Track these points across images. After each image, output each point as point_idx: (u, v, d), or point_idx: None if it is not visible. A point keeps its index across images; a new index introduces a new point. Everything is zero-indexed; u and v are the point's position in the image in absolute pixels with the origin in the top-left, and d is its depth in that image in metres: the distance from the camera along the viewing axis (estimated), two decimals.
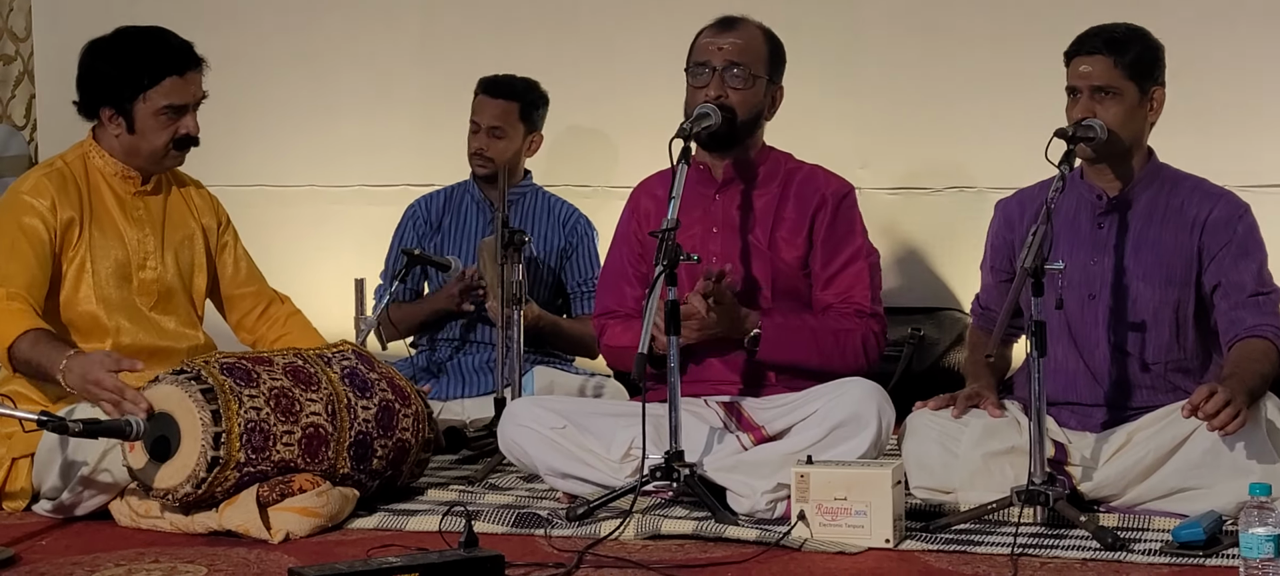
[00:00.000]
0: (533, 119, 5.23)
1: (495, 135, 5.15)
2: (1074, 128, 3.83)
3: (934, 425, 3.93)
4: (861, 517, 3.55)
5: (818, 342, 4.03)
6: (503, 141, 5.14)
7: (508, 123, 5.16)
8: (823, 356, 4.03)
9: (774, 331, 4.00)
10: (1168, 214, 3.95)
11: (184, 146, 4.17)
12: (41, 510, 3.97)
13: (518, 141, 5.18)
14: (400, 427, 4.04)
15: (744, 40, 4.06)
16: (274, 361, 3.91)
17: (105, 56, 4.13)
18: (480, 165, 5.16)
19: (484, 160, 5.14)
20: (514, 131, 5.17)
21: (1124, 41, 3.89)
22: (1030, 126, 4.08)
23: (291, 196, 6.45)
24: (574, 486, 4.00)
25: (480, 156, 5.16)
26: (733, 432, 3.98)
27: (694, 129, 3.93)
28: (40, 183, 4.11)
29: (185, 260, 4.28)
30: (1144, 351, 3.95)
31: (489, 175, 5.10)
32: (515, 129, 5.17)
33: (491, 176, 5.01)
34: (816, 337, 4.04)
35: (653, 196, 4.22)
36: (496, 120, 5.15)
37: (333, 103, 6.41)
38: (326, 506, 3.77)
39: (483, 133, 5.16)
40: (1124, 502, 3.82)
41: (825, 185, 4.14)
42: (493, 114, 5.16)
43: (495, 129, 5.15)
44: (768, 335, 3.99)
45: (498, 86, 5.21)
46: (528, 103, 5.21)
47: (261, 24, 6.51)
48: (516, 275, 4.46)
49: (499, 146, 5.13)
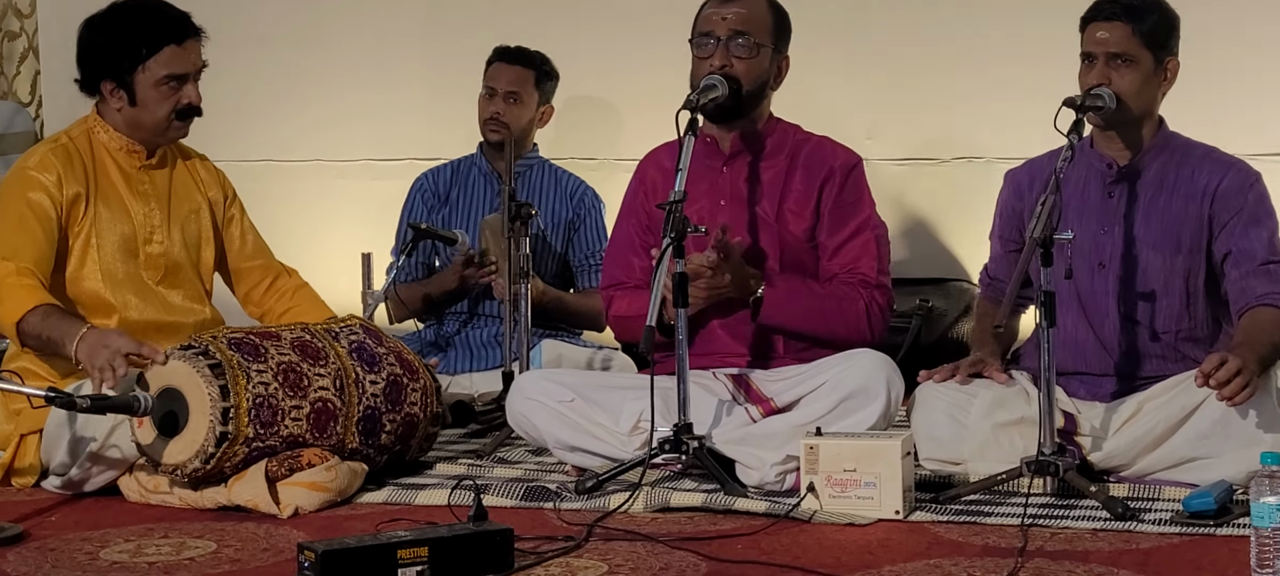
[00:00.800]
0: (546, 89, 5.26)
1: (512, 100, 5.16)
2: (1082, 97, 3.82)
3: (943, 396, 3.92)
4: (871, 489, 3.55)
5: (820, 307, 4.02)
6: (518, 107, 5.15)
7: (524, 89, 5.18)
8: (825, 322, 4.02)
9: (776, 293, 3.99)
10: (1178, 183, 3.93)
11: (186, 116, 4.16)
12: (50, 486, 3.98)
13: (532, 109, 5.20)
14: (408, 402, 4.03)
15: (748, 9, 4.04)
16: (282, 336, 3.90)
17: (103, 30, 4.13)
18: (494, 130, 5.15)
19: (499, 125, 5.13)
20: (529, 98, 5.19)
21: (1142, 9, 3.86)
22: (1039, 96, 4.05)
23: (297, 171, 6.45)
24: (582, 459, 4.00)
25: (496, 121, 5.15)
26: (741, 405, 3.98)
27: (701, 101, 3.91)
28: (46, 158, 4.10)
29: (191, 234, 4.28)
30: (1154, 320, 3.93)
31: (502, 142, 5.08)
32: (531, 95, 5.19)
33: (502, 144, 4.99)
34: (819, 302, 4.03)
35: (660, 167, 4.21)
36: (514, 85, 5.17)
37: (338, 77, 6.40)
38: (335, 481, 3.77)
39: (499, 97, 5.17)
40: (1134, 472, 3.81)
41: (833, 157, 4.12)
42: (510, 79, 5.17)
43: (512, 94, 5.16)
44: (770, 297, 3.98)
45: (514, 54, 5.24)
46: (543, 72, 5.24)
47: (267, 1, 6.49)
48: (523, 248, 4.45)
49: (515, 112, 5.14)
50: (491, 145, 5.18)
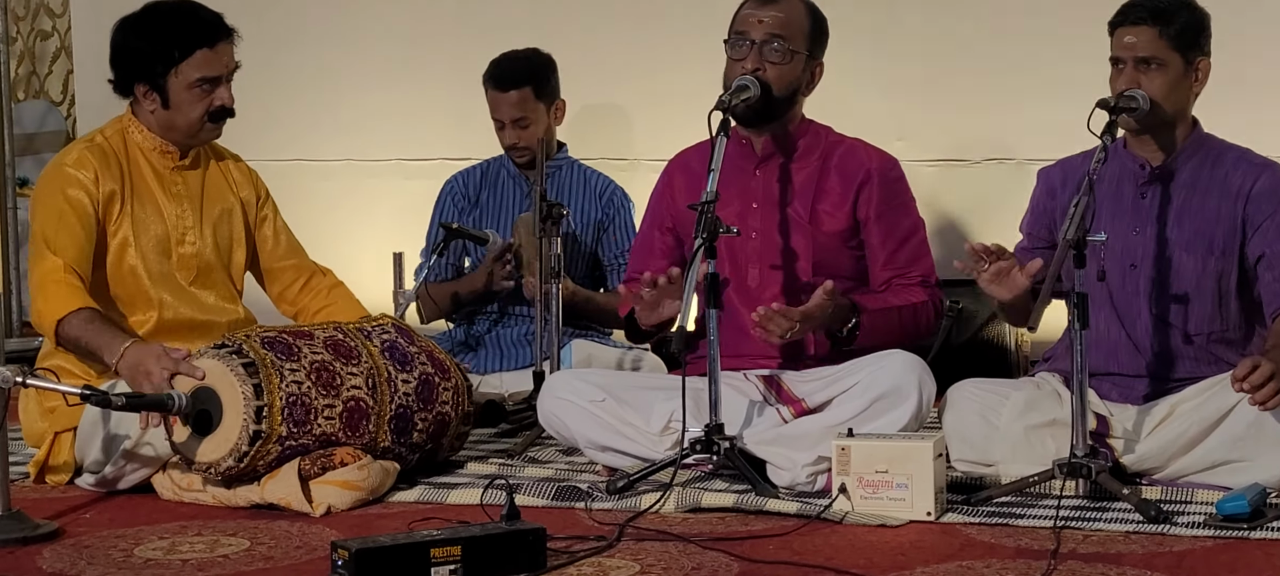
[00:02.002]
0: (548, 91, 5.14)
1: (521, 126, 5.09)
2: (1116, 99, 3.80)
3: (975, 398, 3.91)
4: (903, 490, 3.55)
5: (902, 322, 4.06)
6: (530, 128, 5.08)
7: (528, 110, 5.09)
8: (904, 333, 4.06)
9: (870, 320, 4.00)
10: (1211, 184, 3.92)
11: (219, 118, 4.18)
12: (84, 484, 4.00)
13: (544, 119, 5.12)
14: (440, 401, 4.04)
15: (785, 14, 4.03)
16: (315, 335, 3.91)
17: (136, 32, 4.14)
18: (518, 156, 5.14)
19: (520, 151, 5.12)
20: (537, 114, 5.10)
21: (1169, 11, 3.85)
22: (1070, 97, 4.05)
23: (329, 170, 6.47)
24: (613, 459, 4.01)
25: (515, 149, 5.12)
26: (773, 405, 3.98)
27: (733, 102, 3.91)
28: (83, 155, 4.13)
29: (223, 234, 4.29)
30: (1186, 322, 3.92)
31: (528, 161, 5.08)
32: (537, 111, 5.09)
33: (531, 161, 4.99)
34: (902, 317, 4.06)
35: (688, 170, 4.21)
36: (516, 110, 5.08)
37: (370, 77, 6.42)
38: (367, 480, 3.78)
39: (509, 128, 5.11)
40: (1167, 475, 3.80)
41: (869, 160, 4.12)
42: (511, 106, 5.09)
43: (519, 121, 5.09)
44: (865, 325, 4.00)
45: (505, 77, 5.11)
46: (539, 80, 5.12)
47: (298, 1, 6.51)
48: (555, 248, 4.45)
49: (528, 134, 5.08)
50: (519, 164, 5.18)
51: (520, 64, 5.15)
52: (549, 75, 5.17)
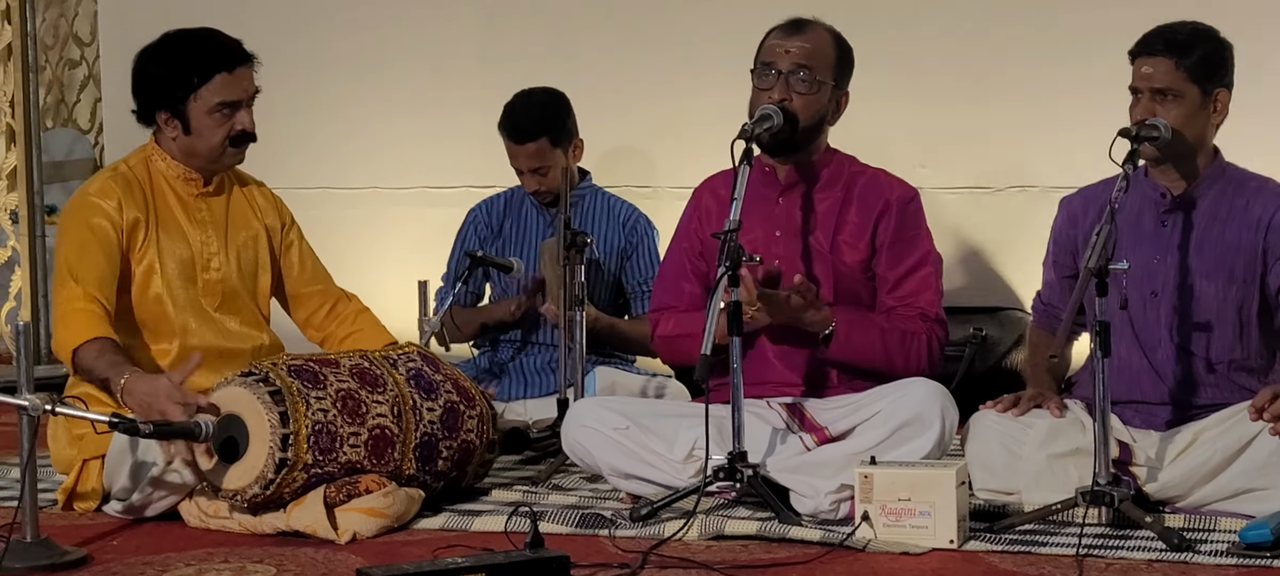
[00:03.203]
0: (565, 135, 5.11)
1: (540, 175, 5.10)
2: (1138, 127, 3.81)
3: (997, 426, 3.92)
4: (925, 518, 3.55)
5: (886, 343, 4.04)
6: (549, 173, 5.09)
7: (545, 159, 5.09)
8: (888, 357, 4.03)
9: (846, 328, 4.00)
10: (1232, 213, 3.93)
11: (241, 143, 4.20)
12: (112, 511, 4.02)
13: (562, 161, 5.08)
14: (465, 429, 4.06)
15: (812, 44, 4.05)
16: (340, 363, 3.94)
17: (155, 60, 4.17)
18: (542, 198, 5.16)
19: (542, 194, 5.15)
20: (554, 160, 5.09)
21: (1187, 43, 3.86)
22: (1093, 125, 4.06)
23: (353, 198, 6.50)
24: (637, 487, 4.02)
25: (538, 194, 5.15)
26: (795, 433, 3.99)
27: (756, 130, 3.93)
28: (106, 184, 4.15)
29: (248, 260, 4.31)
30: (1208, 350, 3.93)
31: (552, 200, 5.11)
32: (554, 157, 5.08)
33: (555, 200, 5.01)
34: (885, 337, 4.04)
35: (716, 195, 4.22)
36: (534, 161, 5.09)
37: (394, 104, 6.45)
38: (393, 507, 3.80)
39: (527, 176, 5.13)
40: (1190, 503, 3.80)
41: (889, 190, 4.13)
42: (528, 158, 5.10)
43: (538, 170, 5.10)
44: (840, 333, 3.99)
45: (521, 130, 5.10)
46: (554, 128, 5.09)
47: (323, 27, 6.56)
48: (578, 276, 4.47)
49: (548, 179, 5.09)
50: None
51: (534, 113, 5.12)
52: (564, 119, 5.14)
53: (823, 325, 3.99)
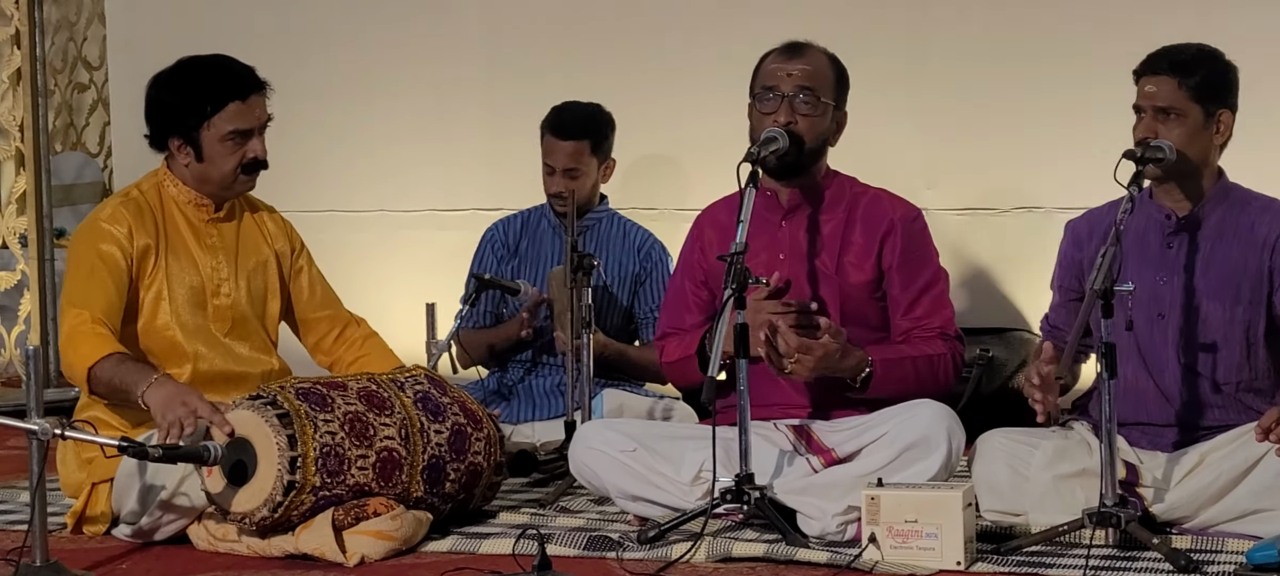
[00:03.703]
0: (604, 149, 5.16)
1: (571, 176, 5.08)
2: (1143, 149, 3.82)
3: (1004, 447, 3.92)
4: (932, 540, 3.56)
5: (918, 372, 4.05)
6: (579, 180, 5.08)
7: (581, 162, 5.09)
8: (921, 384, 4.04)
9: (883, 368, 4.00)
10: (1237, 233, 3.93)
11: (253, 170, 4.22)
12: (121, 534, 4.03)
13: (594, 175, 5.12)
14: (472, 451, 4.07)
15: (812, 66, 4.07)
16: (348, 386, 3.95)
17: (169, 87, 4.19)
18: (561, 205, 5.08)
19: (563, 200, 5.08)
20: (589, 168, 5.11)
21: (1191, 64, 3.87)
22: (1098, 147, 4.08)
23: (361, 221, 6.51)
24: (645, 509, 4.03)
25: (559, 198, 5.07)
26: (802, 455, 3.99)
27: (761, 153, 3.94)
28: (117, 210, 4.17)
29: (258, 286, 4.33)
30: (1214, 371, 3.93)
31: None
32: (589, 165, 5.10)
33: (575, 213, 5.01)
34: (917, 367, 4.05)
35: (716, 224, 4.24)
36: (571, 161, 5.08)
37: (402, 127, 6.47)
38: (400, 530, 3.81)
39: (558, 175, 5.09)
40: (1197, 524, 3.80)
41: (893, 210, 4.14)
42: (566, 155, 5.08)
43: (571, 171, 5.08)
44: (878, 373, 4.00)
45: (566, 126, 5.10)
46: (597, 136, 5.12)
47: (331, 52, 6.58)
48: (586, 299, 4.48)
49: (577, 185, 5.05)
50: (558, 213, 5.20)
51: (582, 116, 5.14)
52: (607, 133, 5.17)
53: (858, 369, 4.00)
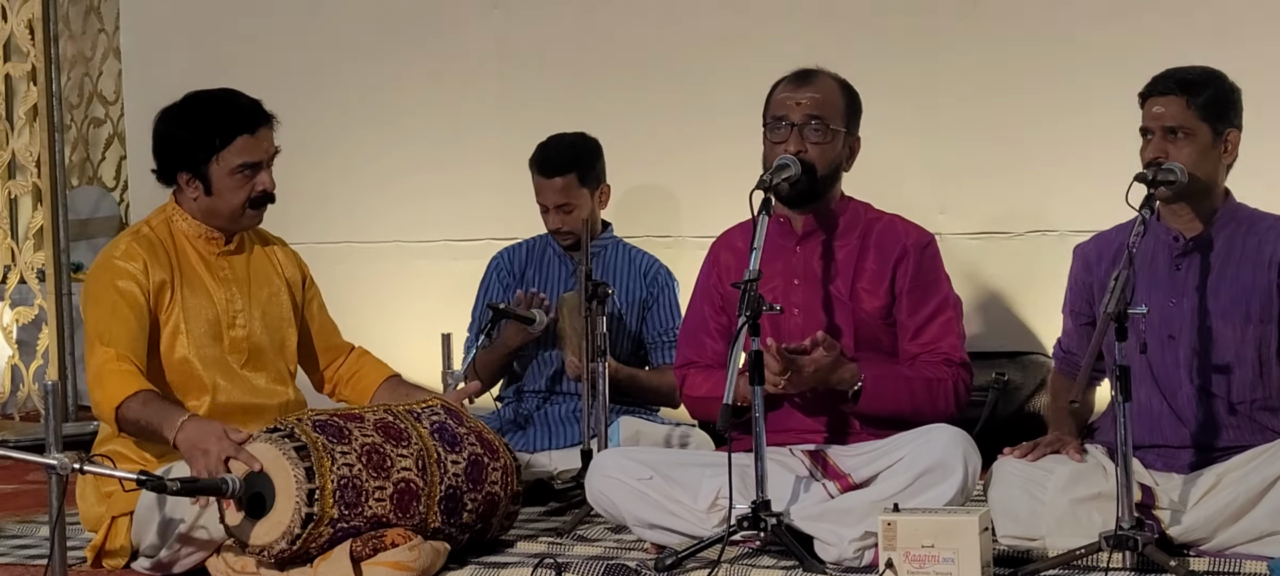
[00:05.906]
0: (593, 177, 5.18)
1: (565, 211, 5.13)
2: (1155, 172, 3.83)
3: (1020, 472, 3.92)
4: (949, 564, 3.56)
5: (913, 392, 4.04)
6: (574, 213, 5.12)
7: (572, 195, 5.13)
8: (916, 407, 4.04)
9: (874, 383, 4.01)
10: (1245, 253, 3.94)
11: (260, 204, 4.23)
12: (140, 567, 4.04)
13: (588, 204, 5.15)
14: (489, 481, 4.08)
15: (822, 94, 4.08)
16: (365, 418, 3.97)
17: (176, 122, 4.21)
18: (563, 240, 5.18)
19: (564, 235, 5.17)
20: (581, 199, 5.13)
21: (1198, 83, 3.89)
22: (1111, 170, 4.08)
23: (375, 252, 6.53)
24: (661, 537, 4.03)
25: (559, 233, 5.17)
26: (819, 481, 4.00)
27: (774, 181, 3.95)
28: (131, 247, 4.19)
29: (273, 317, 4.35)
30: (1228, 391, 3.93)
31: (573, 243, 5.14)
32: (581, 196, 5.14)
33: (576, 243, 5.04)
34: (912, 387, 4.05)
35: (732, 249, 4.25)
36: (561, 197, 5.13)
37: (415, 158, 6.49)
38: (418, 560, 3.82)
39: (553, 212, 5.16)
40: (1214, 546, 3.80)
41: (906, 235, 4.15)
42: (555, 193, 5.13)
43: (563, 206, 5.13)
44: (868, 387, 4.00)
45: (551, 163, 5.15)
46: (584, 167, 5.15)
47: (343, 83, 6.61)
48: (600, 327, 4.49)
49: (572, 218, 5.10)
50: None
51: (566, 150, 5.18)
52: (594, 161, 5.20)
53: (851, 382, 4.00)
